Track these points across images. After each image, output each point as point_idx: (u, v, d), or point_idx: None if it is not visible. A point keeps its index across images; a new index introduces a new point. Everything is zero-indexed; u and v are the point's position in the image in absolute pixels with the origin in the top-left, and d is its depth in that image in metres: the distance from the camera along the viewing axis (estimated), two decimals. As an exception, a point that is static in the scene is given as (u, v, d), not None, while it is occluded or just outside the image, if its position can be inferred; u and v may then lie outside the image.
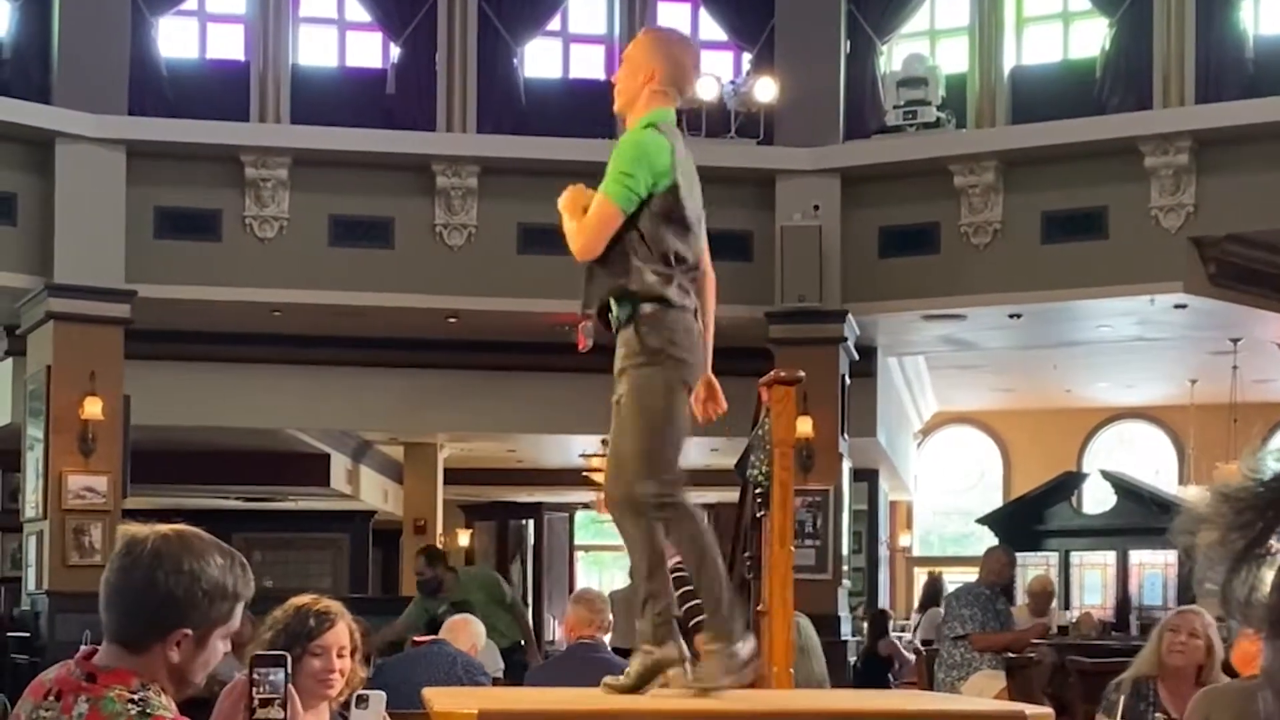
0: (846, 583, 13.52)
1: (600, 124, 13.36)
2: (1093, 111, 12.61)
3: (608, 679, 4.07)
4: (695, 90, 4.33)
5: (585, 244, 4.17)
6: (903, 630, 17.09)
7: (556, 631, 15.35)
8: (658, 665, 4.00)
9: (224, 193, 12.58)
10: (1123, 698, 5.33)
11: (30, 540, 12.52)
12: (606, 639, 7.14)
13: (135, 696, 2.65)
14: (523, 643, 11.18)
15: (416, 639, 7.68)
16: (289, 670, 2.70)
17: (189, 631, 2.69)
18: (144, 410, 12.56)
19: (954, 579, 15.02)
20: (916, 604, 18.15)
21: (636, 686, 4.00)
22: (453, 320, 13.27)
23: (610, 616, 7.34)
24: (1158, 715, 5.50)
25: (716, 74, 13.26)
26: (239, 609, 2.76)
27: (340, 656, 4.40)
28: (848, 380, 13.04)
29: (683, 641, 4.07)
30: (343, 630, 4.44)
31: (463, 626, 7.23)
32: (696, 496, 4.39)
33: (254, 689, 2.65)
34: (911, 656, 13.67)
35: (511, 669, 9.99)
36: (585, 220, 4.18)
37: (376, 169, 12.73)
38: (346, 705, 4.63)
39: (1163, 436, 21.34)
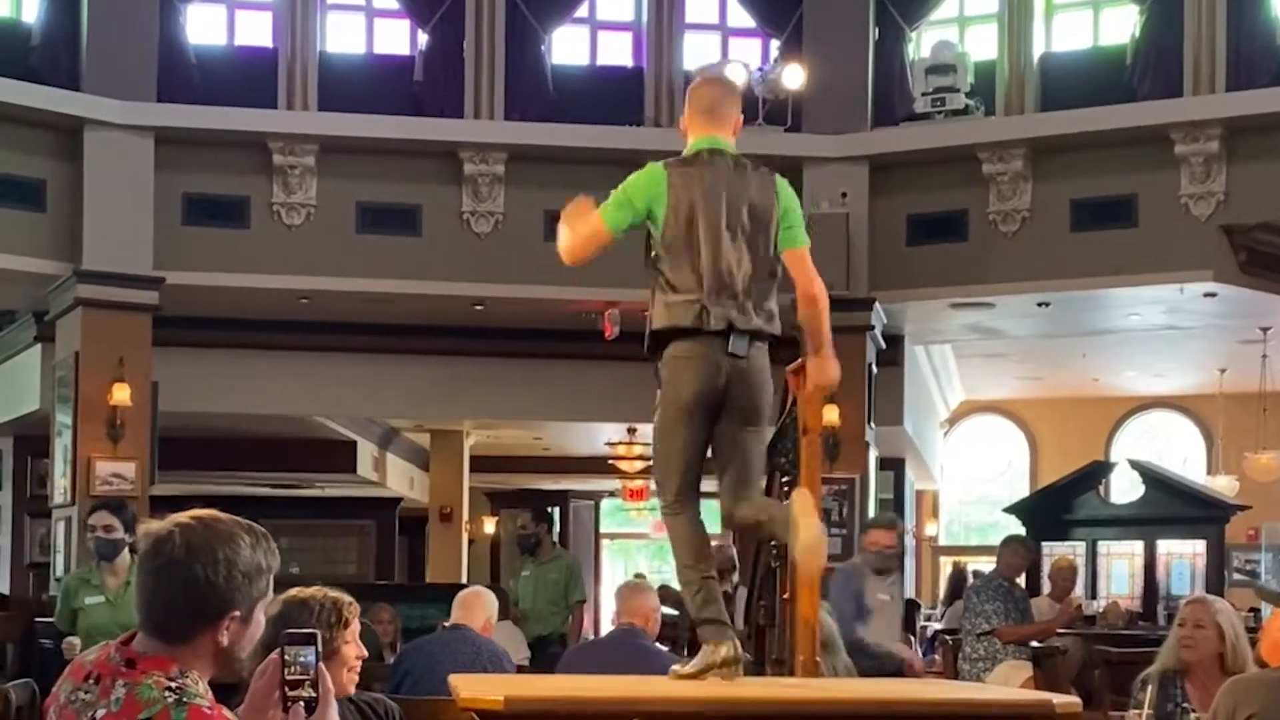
0: (873, 571, 13.48)
1: (628, 111, 13.38)
2: (1123, 99, 12.54)
3: (675, 667, 4.27)
4: (709, 103, 4.55)
5: (565, 248, 4.43)
6: (929, 619, 17.05)
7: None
8: (710, 664, 4.15)
9: (252, 179, 12.60)
10: (1150, 692, 5.28)
11: (59, 526, 12.58)
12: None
13: (173, 684, 2.66)
14: (563, 634, 11.15)
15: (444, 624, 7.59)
16: (320, 648, 2.70)
17: (238, 613, 2.72)
18: (172, 396, 12.61)
19: (983, 569, 14.96)
20: (942, 596, 18.08)
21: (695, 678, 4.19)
22: (479, 307, 13.28)
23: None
24: (1185, 705, 5.46)
25: (744, 61, 13.23)
26: (271, 579, 2.81)
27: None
28: (874, 369, 13.01)
29: (734, 639, 4.22)
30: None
31: (475, 600, 7.13)
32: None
33: (285, 669, 2.66)
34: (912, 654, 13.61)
35: (548, 661, 9.87)
36: (576, 227, 4.41)
37: (404, 156, 12.74)
38: (357, 705, 4.66)
39: (1191, 426, 21.25)
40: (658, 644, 7.00)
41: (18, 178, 12.08)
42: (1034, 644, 9.74)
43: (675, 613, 10.35)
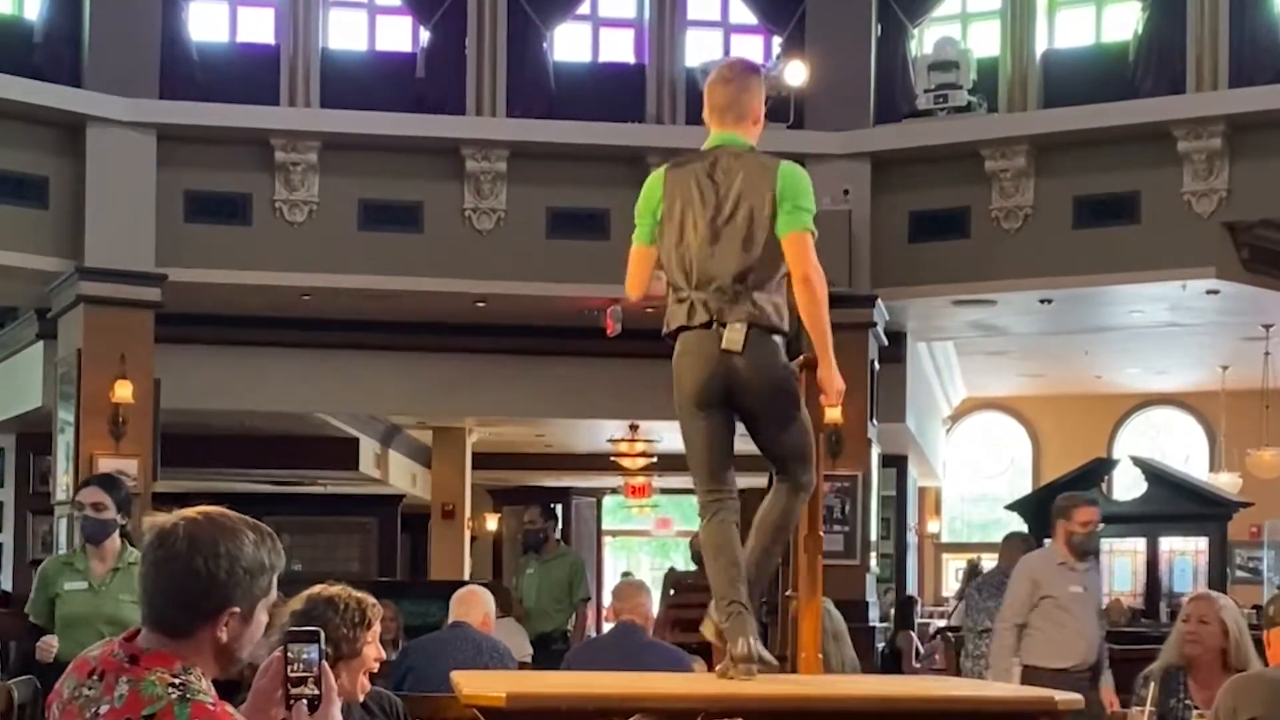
0: (874, 568, 13.50)
1: (629, 108, 13.38)
2: (1125, 95, 12.52)
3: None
4: (724, 101, 4.71)
5: (627, 285, 4.53)
6: (930, 616, 17.05)
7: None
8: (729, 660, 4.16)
9: (254, 176, 12.60)
10: (1152, 689, 5.27)
11: (61, 523, 12.58)
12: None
13: (176, 680, 2.66)
14: (565, 632, 11.17)
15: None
16: (323, 646, 2.71)
17: (237, 609, 2.71)
18: (174, 394, 12.60)
19: (988, 565, 14.98)
20: (956, 591, 18.07)
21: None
22: (481, 304, 13.28)
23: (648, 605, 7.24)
24: (1188, 702, 5.46)
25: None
26: (275, 579, 2.80)
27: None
28: (877, 366, 13.01)
29: (752, 638, 4.19)
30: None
31: (471, 597, 7.15)
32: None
33: (288, 666, 2.66)
34: (930, 644, 13.62)
35: (551, 658, 9.87)
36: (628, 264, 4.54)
37: (406, 153, 12.73)
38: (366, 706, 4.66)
39: (1193, 423, 21.24)
40: (658, 640, 7.05)
41: (20, 175, 12.07)
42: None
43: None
